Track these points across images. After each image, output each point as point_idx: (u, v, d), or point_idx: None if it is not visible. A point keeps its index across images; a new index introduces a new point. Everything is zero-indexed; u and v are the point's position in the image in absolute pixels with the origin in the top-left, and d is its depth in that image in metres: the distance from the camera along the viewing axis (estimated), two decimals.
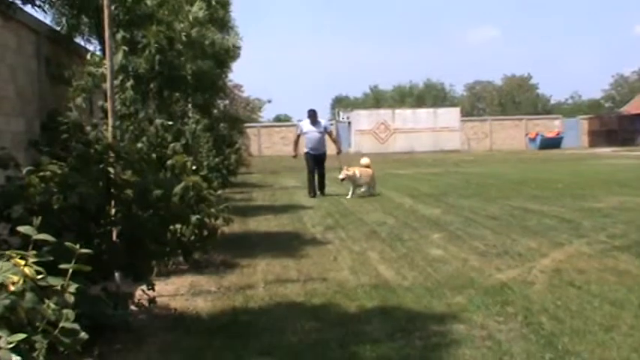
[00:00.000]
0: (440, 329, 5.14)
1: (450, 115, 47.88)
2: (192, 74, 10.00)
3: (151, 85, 9.04)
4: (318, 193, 16.02)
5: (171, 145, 6.96)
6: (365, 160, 16.42)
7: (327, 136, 16.28)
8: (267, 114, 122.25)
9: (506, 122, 52.32)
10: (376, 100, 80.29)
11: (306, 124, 16.19)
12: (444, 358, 4.51)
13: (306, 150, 16.16)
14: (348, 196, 15.27)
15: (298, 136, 16.41)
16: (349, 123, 48.59)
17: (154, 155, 6.67)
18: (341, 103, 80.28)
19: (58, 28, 8.35)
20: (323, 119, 16.75)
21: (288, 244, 9.42)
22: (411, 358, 4.54)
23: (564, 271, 7.06)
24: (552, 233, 9.61)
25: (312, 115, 16.16)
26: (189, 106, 12.81)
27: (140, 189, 5.36)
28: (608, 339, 4.77)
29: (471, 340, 4.83)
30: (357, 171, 15.82)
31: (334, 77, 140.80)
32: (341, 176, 15.82)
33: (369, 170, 15.98)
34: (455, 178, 21.48)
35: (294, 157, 17.16)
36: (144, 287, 5.65)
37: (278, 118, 73.15)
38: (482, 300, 5.88)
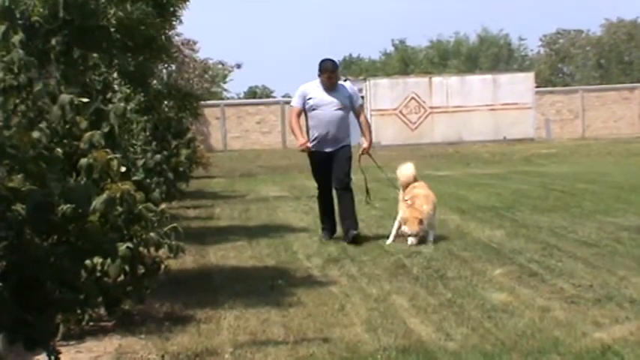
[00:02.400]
0: None
1: (519, 85, 47.84)
2: (118, 25, 9.98)
3: (53, 42, 9.03)
4: (345, 232, 12.52)
5: (88, 134, 6.96)
6: (408, 170, 13.03)
7: (350, 116, 12.73)
8: (235, 86, 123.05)
9: (609, 94, 52.34)
10: (403, 62, 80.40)
11: (314, 90, 12.60)
12: None
13: (310, 143, 12.67)
14: (389, 240, 12.18)
15: (299, 115, 12.76)
16: (362, 98, 48.79)
17: (59, 150, 6.66)
18: (350, 67, 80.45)
19: None
20: (347, 82, 13.46)
21: (269, 286, 9.41)
22: None
23: None
24: None
25: (330, 71, 12.53)
26: (115, 74, 12.80)
27: (37, 203, 5.35)
28: None
29: None
30: (422, 198, 12.33)
31: (340, 28, 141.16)
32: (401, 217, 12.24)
33: (430, 193, 12.62)
34: (526, 182, 21.42)
35: (304, 149, 12.78)
36: (42, 357, 5.63)
37: (252, 93, 73.20)
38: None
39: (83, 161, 6.45)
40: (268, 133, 49.80)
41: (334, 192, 12.78)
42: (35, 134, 6.17)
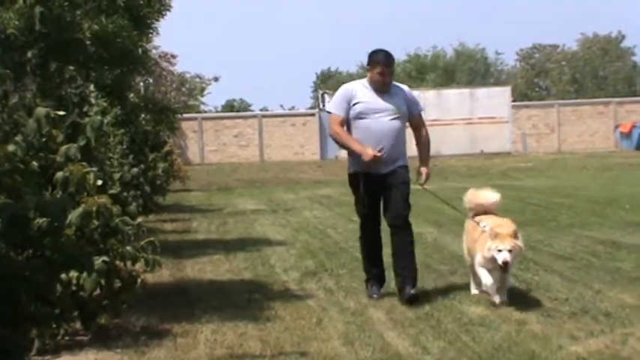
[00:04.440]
0: None
1: (496, 99, 48.06)
2: (94, 37, 9.96)
3: (29, 54, 9.00)
4: (399, 288, 9.28)
5: (64, 148, 6.94)
6: (493, 197, 9.81)
7: (407, 127, 9.65)
8: (213, 99, 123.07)
9: (584, 108, 52.56)
10: None
11: (361, 92, 9.48)
12: None
13: (350, 165, 9.68)
14: (474, 291, 9.41)
15: (342, 125, 9.48)
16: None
17: (34, 164, 6.63)
18: (328, 81, 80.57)
19: None
20: (404, 85, 10.07)
21: (246, 300, 9.39)
22: None
23: None
24: None
25: (384, 65, 9.39)
26: (92, 87, 12.77)
27: (12, 217, 5.32)
28: None
29: None
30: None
31: (318, 43, 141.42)
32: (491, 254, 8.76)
33: (511, 224, 9.12)
34: (503, 196, 21.40)
35: (375, 159, 9.19)
36: None
37: (230, 106, 73.19)
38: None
39: (59, 175, 6.44)
40: (246, 146, 49.71)
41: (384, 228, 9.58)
42: (11, 147, 6.14)
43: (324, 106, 52.07)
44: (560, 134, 50.35)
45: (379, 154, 9.15)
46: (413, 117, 9.63)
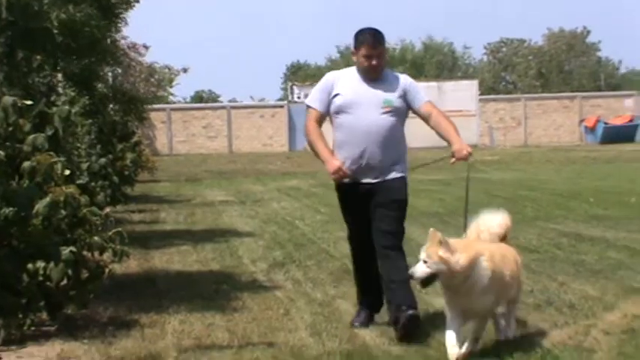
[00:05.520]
0: None
1: (463, 93, 48.23)
2: (61, 26, 9.88)
3: None
4: (393, 312, 7.45)
5: (31, 137, 6.89)
6: (496, 223, 7.22)
7: (405, 122, 7.96)
8: (181, 90, 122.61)
9: (550, 102, 52.87)
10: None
11: (345, 81, 7.75)
12: None
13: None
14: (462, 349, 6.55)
15: (320, 121, 7.79)
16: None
17: (1, 153, 6.58)
18: (297, 74, 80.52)
19: None
20: (404, 74, 8.22)
21: (214, 291, 9.38)
22: None
23: None
24: (622, 273, 9.71)
25: (370, 46, 7.62)
26: (59, 76, 12.69)
27: None
28: None
29: None
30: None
31: (286, 35, 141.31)
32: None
33: (511, 251, 7.10)
34: (470, 188, 21.43)
35: (339, 177, 7.60)
36: None
37: (199, 97, 73.01)
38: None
39: (26, 164, 6.39)
40: (214, 137, 49.60)
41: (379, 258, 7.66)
42: None
43: (292, 97, 52.09)
44: (526, 128, 50.59)
45: (342, 172, 7.47)
46: (418, 109, 7.70)
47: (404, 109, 7.68)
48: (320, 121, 7.71)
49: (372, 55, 7.51)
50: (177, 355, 6.87)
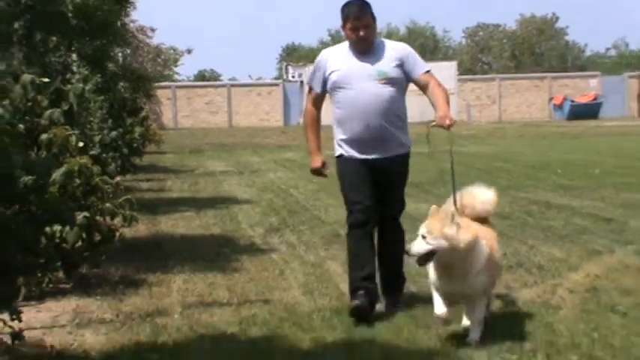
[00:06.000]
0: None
1: (443, 73, 47.96)
2: (75, 10, 9.83)
3: (16, 26, 8.87)
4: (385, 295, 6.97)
5: (48, 112, 6.86)
6: (485, 196, 6.45)
7: (407, 94, 7.15)
8: (186, 69, 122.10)
9: (522, 82, 52.87)
10: None
11: (338, 58, 6.94)
12: None
13: (338, 146, 7.00)
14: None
15: (318, 103, 7.11)
16: (302, 83, 48.54)
17: (21, 126, 6.55)
18: (292, 55, 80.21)
19: None
20: (401, 43, 7.36)
21: (215, 253, 9.38)
22: None
23: (603, 291, 7.15)
24: (585, 237, 9.73)
25: (356, 18, 6.77)
26: (74, 56, 12.62)
27: (0, 175, 5.25)
28: None
29: None
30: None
31: (282, 19, 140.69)
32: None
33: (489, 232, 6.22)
34: (449, 160, 21.44)
35: (319, 172, 7.14)
36: (5, 316, 5.54)
37: (202, 76, 72.81)
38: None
39: (44, 137, 6.37)
40: (216, 112, 49.52)
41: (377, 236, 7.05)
42: None
43: (287, 77, 51.98)
44: (500, 105, 50.61)
45: (324, 173, 7.03)
46: (417, 78, 6.90)
47: (402, 80, 6.80)
48: (318, 103, 7.01)
49: (359, 26, 6.67)
50: (181, 310, 6.88)
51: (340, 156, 6.87)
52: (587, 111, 47.47)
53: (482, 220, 6.12)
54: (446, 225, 5.49)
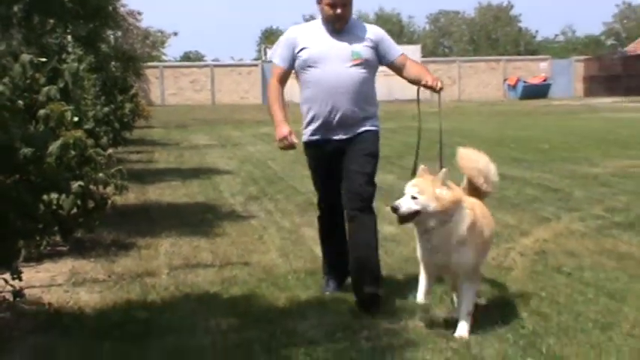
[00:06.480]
0: (392, 327, 5.19)
1: (409, 56, 48.00)
2: None
3: (15, 9, 8.78)
4: (356, 288, 5.89)
5: (45, 89, 6.80)
6: (496, 176, 5.81)
7: (380, 77, 6.41)
8: (172, 51, 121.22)
9: (480, 64, 52.98)
10: None
11: (309, 35, 6.06)
12: None
13: (304, 132, 6.16)
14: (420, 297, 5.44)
15: (283, 79, 6.22)
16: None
17: (20, 102, 6.49)
18: (270, 38, 79.87)
19: None
20: (375, 26, 6.38)
21: (199, 219, 9.37)
22: None
23: (550, 254, 7.22)
24: (536, 206, 9.80)
25: None
26: (69, 38, 12.51)
27: (1, 147, 5.21)
28: (605, 340, 4.89)
29: (432, 342, 4.89)
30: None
31: (261, 5, 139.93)
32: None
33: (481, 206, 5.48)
34: (413, 135, 21.51)
35: (285, 146, 6.06)
36: (6, 276, 5.52)
37: (187, 57, 72.44)
38: (445, 290, 5.92)
39: (41, 112, 6.32)
40: (200, 91, 49.35)
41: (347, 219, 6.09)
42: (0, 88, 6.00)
43: (265, 58, 51.83)
44: (460, 85, 50.71)
45: (287, 142, 5.97)
46: (393, 62, 6.17)
47: (374, 62, 6.03)
48: (283, 79, 6.13)
49: (337, 3, 5.80)
50: (168, 271, 6.88)
51: (307, 141, 6.05)
52: (538, 91, 47.72)
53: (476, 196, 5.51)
54: (436, 186, 5.02)
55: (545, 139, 18.69)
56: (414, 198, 4.97)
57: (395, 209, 4.99)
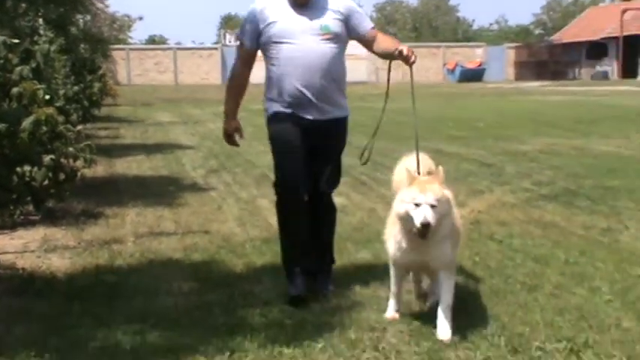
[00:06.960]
0: (341, 290, 5.21)
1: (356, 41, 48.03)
2: None
3: None
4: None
5: (18, 68, 6.68)
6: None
7: (348, 53, 5.68)
8: (138, 34, 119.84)
9: (422, 50, 52.93)
10: None
11: (274, 9, 5.10)
12: (346, 323, 4.58)
13: (268, 106, 5.32)
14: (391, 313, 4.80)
15: (248, 60, 5.38)
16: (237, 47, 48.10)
17: None
18: (229, 23, 79.25)
19: None
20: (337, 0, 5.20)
21: (163, 191, 9.33)
22: (308, 324, 4.59)
23: (484, 223, 7.30)
24: (471, 179, 9.89)
25: None
26: (40, 21, 12.30)
27: None
28: (531, 300, 4.97)
29: (377, 302, 4.92)
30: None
31: None
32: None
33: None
34: (361, 114, 21.58)
35: (232, 139, 5.82)
36: None
37: (152, 40, 71.57)
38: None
39: (14, 90, 6.21)
40: (164, 72, 48.98)
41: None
42: None
43: (225, 42, 51.52)
44: (404, 69, 50.75)
45: (234, 141, 5.68)
46: (364, 35, 5.38)
47: (344, 36, 5.23)
48: (249, 60, 5.31)
49: None
50: (134, 239, 6.84)
51: (272, 115, 5.21)
52: (474, 75, 48.14)
53: None
54: (443, 188, 4.48)
55: (480, 119, 18.85)
56: (433, 207, 4.30)
57: (426, 226, 4.21)
